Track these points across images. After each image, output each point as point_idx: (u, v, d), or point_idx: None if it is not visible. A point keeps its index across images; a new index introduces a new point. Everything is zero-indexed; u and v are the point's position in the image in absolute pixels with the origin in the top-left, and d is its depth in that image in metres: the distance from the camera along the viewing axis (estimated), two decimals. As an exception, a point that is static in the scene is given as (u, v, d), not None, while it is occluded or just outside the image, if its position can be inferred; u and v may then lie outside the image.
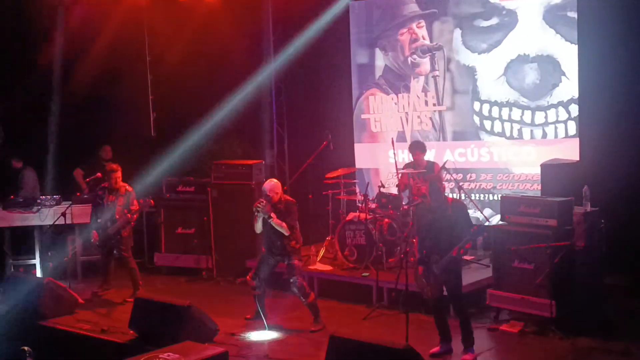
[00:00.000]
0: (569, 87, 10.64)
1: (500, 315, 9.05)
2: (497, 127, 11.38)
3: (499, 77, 11.28)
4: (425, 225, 7.93)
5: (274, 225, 8.99)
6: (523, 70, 11.06)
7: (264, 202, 9.04)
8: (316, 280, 10.49)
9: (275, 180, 9.35)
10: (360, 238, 10.52)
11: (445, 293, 7.89)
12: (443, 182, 8.31)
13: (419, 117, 12.19)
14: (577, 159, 10.31)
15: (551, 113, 10.85)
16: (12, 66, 13.01)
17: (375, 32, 12.67)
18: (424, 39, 12.04)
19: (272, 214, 8.99)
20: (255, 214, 9.08)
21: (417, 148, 10.86)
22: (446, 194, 8.27)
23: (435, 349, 7.93)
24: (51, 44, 13.05)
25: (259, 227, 9.17)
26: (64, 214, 11.09)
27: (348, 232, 10.63)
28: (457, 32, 11.69)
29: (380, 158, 12.60)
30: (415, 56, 12.14)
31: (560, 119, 10.78)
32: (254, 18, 12.99)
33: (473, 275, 9.70)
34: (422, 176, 10.55)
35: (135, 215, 10.53)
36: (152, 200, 10.66)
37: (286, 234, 9.01)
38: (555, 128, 10.84)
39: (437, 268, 7.70)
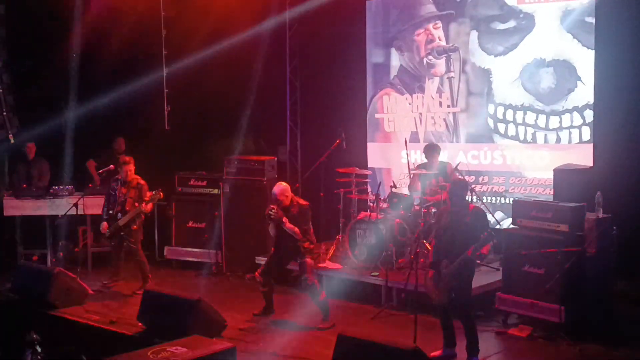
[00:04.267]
0: (585, 92, 10.60)
1: (509, 319, 9.03)
2: (511, 130, 11.35)
3: (514, 80, 11.25)
4: (441, 228, 7.90)
5: (287, 230, 9.00)
6: (539, 74, 11.03)
7: (275, 208, 9.04)
8: (325, 279, 10.49)
9: (284, 184, 9.33)
10: (370, 237, 10.51)
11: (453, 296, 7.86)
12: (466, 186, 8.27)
13: (432, 118, 12.17)
14: (591, 164, 10.28)
15: (566, 118, 10.82)
16: (29, 57, 13.06)
17: (391, 31, 12.65)
18: (440, 40, 12.02)
19: (284, 219, 8.99)
20: (268, 220, 9.11)
21: (433, 150, 10.87)
22: (468, 200, 8.20)
23: (437, 353, 7.91)
24: (68, 36, 13.09)
25: (272, 230, 9.20)
26: (76, 205, 11.15)
27: (359, 231, 10.63)
28: (474, 34, 11.66)
29: (392, 158, 12.59)
30: (430, 57, 12.12)
31: (574, 124, 10.74)
32: (270, 14, 12.97)
33: (483, 278, 9.67)
34: (441, 176, 10.56)
35: (149, 207, 10.53)
36: (161, 193, 10.67)
37: (298, 238, 9.02)
38: (570, 133, 10.80)
39: (446, 273, 7.68)
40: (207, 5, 12.80)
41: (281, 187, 9.23)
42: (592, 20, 10.48)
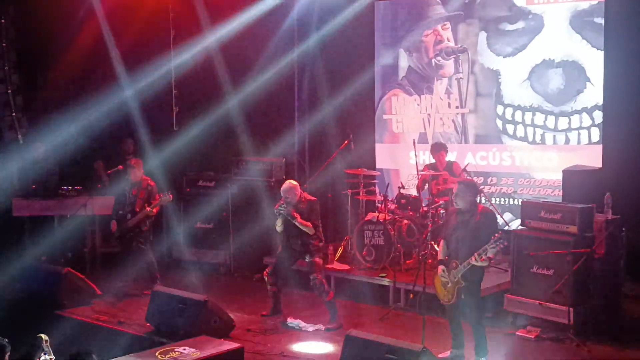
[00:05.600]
0: (594, 93, 10.58)
1: (518, 320, 9.00)
2: (520, 131, 11.33)
3: (523, 81, 11.23)
4: (450, 228, 7.89)
5: (298, 225, 8.97)
6: (548, 75, 11.01)
7: (285, 204, 9.04)
8: (333, 279, 10.48)
9: (293, 182, 9.32)
10: (378, 238, 10.50)
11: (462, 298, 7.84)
12: (475, 187, 8.26)
13: (441, 119, 12.16)
14: (600, 166, 10.25)
15: (575, 119, 10.80)
16: (37, 58, 13.10)
17: (400, 32, 12.65)
18: (448, 40, 12.01)
19: (296, 215, 8.97)
20: (277, 215, 9.08)
21: (440, 148, 10.88)
22: (477, 201, 8.18)
23: (445, 354, 7.89)
24: (76, 37, 13.11)
25: (279, 226, 9.17)
26: (84, 205, 11.17)
27: (366, 232, 10.62)
28: (483, 35, 11.65)
29: (400, 159, 12.58)
30: (439, 58, 12.11)
31: (583, 125, 10.73)
32: (279, 15, 12.98)
33: (491, 279, 9.64)
34: (449, 174, 10.56)
35: (155, 209, 10.57)
36: (171, 195, 10.70)
37: (310, 233, 9.00)
38: (579, 134, 10.78)
39: (454, 274, 7.66)
40: (215, 5, 12.82)
41: (289, 184, 9.21)
42: (601, 20, 10.46)
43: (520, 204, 9.77)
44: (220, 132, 13.28)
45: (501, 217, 10.84)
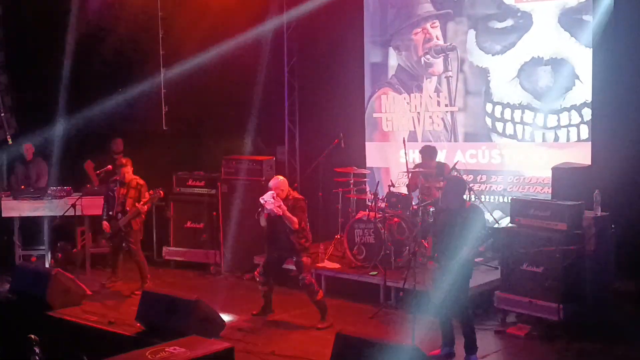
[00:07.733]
0: (583, 90, 10.59)
1: (508, 317, 9.03)
2: (509, 129, 11.34)
3: (512, 79, 11.24)
4: (439, 226, 7.90)
5: (284, 218, 8.91)
6: (536, 73, 11.02)
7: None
8: (324, 278, 10.48)
9: (281, 177, 9.26)
10: (369, 237, 10.50)
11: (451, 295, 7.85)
12: (463, 185, 8.27)
13: (430, 117, 12.16)
14: (589, 163, 10.27)
15: (564, 116, 10.81)
16: (25, 58, 13.05)
17: (389, 31, 12.65)
18: (437, 39, 12.01)
19: (283, 206, 8.88)
20: (260, 209, 9.02)
21: (431, 153, 10.88)
22: (465, 198, 8.18)
23: (436, 352, 7.90)
24: (65, 36, 13.07)
25: (263, 220, 9.12)
26: (74, 205, 11.14)
27: (357, 231, 10.62)
28: (472, 33, 11.65)
29: (391, 157, 12.58)
30: (428, 56, 12.11)
31: (572, 122, 10.74)
32: (268, 14, 12.97)
33: (481, 276, 9.67)
34: (438, 177, 10.54)
35: (145, 207, 10.55)
36: (161, 191, 10.68)
37: (293, 227, 8.93)
38: (568, 132, 10.80)
39: (443, 271, 7.67)
40: (204, 5, 12.80)
41: (277, 180, 9.13)
42: (589, 18, 10.48)
43: (509, 201, 9.78)
44: (210, 132, 13.26)
45: (491, 214, 10.86)
